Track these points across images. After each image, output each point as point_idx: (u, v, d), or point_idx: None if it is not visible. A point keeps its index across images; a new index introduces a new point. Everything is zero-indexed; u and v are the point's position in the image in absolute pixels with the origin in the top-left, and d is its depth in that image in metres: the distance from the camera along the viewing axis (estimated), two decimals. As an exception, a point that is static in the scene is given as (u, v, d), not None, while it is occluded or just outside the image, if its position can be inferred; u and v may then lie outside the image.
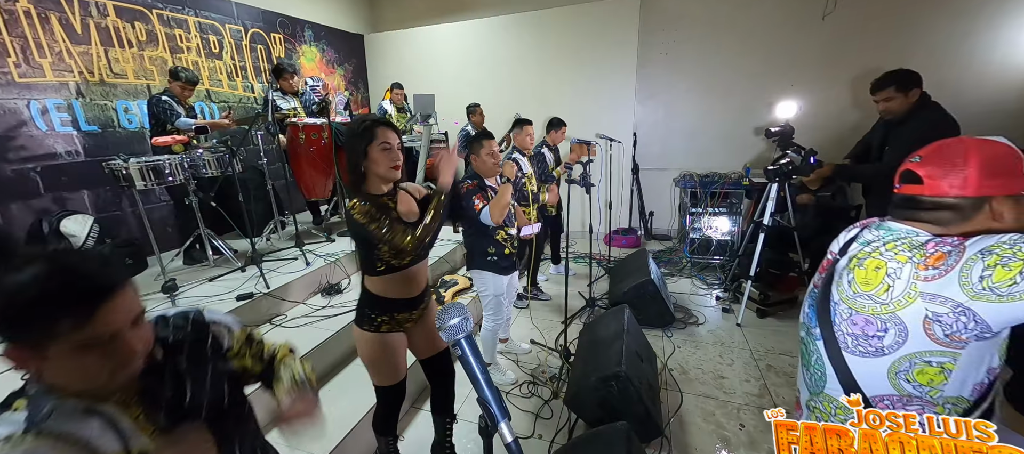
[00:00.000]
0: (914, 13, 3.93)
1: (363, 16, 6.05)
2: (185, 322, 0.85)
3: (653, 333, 2.98)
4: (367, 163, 1.36)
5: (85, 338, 0.61)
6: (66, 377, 0.64)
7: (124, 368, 0.67)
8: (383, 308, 1.48)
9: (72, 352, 0.61)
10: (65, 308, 0.59)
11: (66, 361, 0.61)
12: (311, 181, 3.88)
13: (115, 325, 0.63)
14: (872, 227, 0.90)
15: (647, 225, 5.37)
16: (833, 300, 0.88)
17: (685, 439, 2.09)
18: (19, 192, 2.85)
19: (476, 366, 0.73)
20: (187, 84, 3.11)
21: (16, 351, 0.61)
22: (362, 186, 1.40)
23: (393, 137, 1.39)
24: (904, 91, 2.31)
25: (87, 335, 0.61)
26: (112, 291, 0.63)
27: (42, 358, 0.61)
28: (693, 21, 4.66)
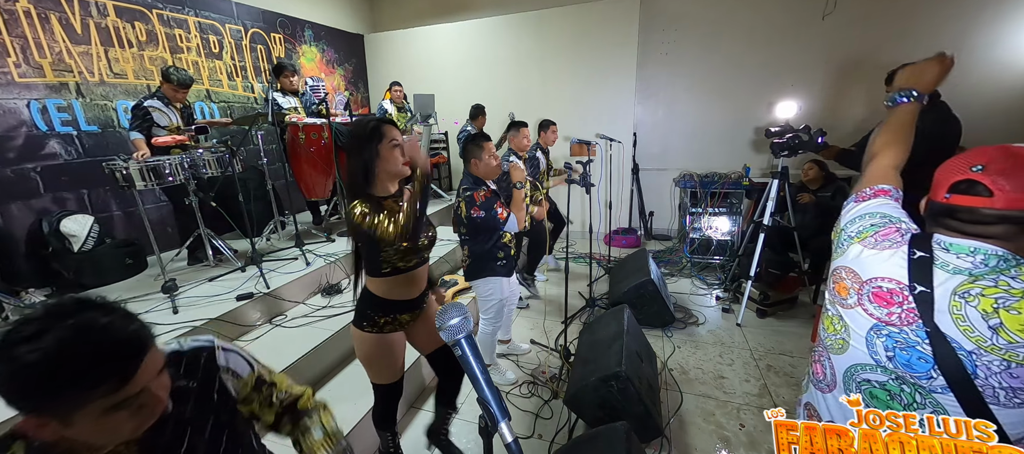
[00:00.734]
0: (914, 13, 3.93)
1: (363, 16, 6.05)
2: (197, 364, 0.80)
3: (653, 333, 2.98)
4: (379, 162, 1.36)
5: (117, 400, 0.59)
6: (89, 436, 0.61)
7: (149, 419, 0.65)
8: (386, 309, 1.48)
9: (100, 415, 0.59)
10: (102, 377, 0.57)
11: (92, 425, 0.59)
12: (311, 181, 3.88)
13: (145, 383, 0.62)
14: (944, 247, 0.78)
15: (647, 225, 5.37)
16: (963, 349, 0.72)
17: (685, 439, 2.09)
18: (19, 192, 2.85)
19: (476, 366, 0.73)
20: (179, 87, 3.02)
21: (36, 420, 0.58)
22: (368, 188, 1.38)
23: (399, 134, 1.40)
24: None
25: (119, 397, 0.59)
26: (145, 351, 0.62)
27: (66, 425, 0.58)
28: (693, 21, 4.66)
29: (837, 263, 0.91)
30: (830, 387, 0.91)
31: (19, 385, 0.55)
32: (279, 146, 3.83)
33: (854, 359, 0.85)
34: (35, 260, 2.76)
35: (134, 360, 0.60)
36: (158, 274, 2.79)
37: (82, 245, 2.84)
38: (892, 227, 0.86)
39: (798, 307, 3.32)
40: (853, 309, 0.85)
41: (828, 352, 0.91)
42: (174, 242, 3.49)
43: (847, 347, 0.86)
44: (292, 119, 3.64)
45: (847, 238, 0.91)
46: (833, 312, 0.90)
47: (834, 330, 0.89)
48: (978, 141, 3.05)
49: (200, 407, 0.79)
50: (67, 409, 0.57)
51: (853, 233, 0.90)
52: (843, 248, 0.91)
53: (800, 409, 1.06)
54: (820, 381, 0.94)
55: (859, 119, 4.19)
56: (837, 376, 0.89)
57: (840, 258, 0.90)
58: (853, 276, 0.86)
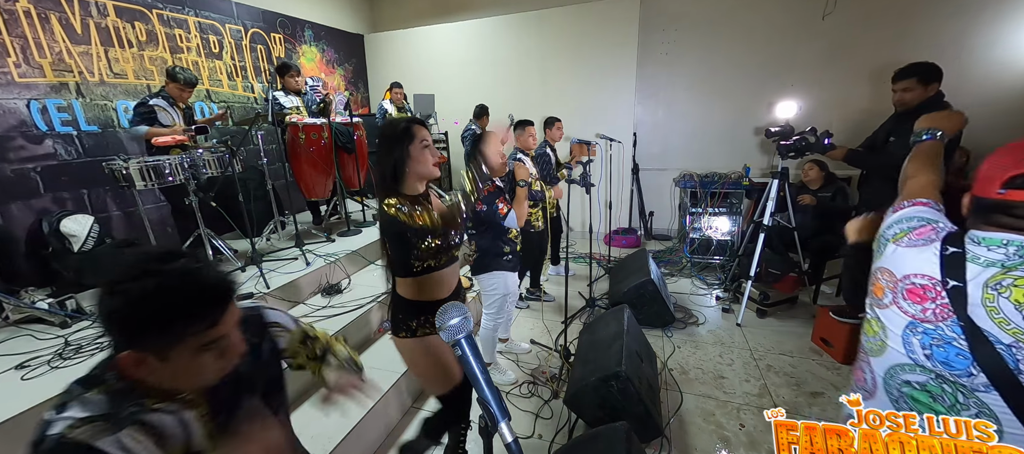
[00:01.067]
0: (914, 12, 3.93)
1: (363, 16, 6.05)
2: (247, 324, 0.85)
3: (653, 333, 2.98)
4: (409, 163, 1.35)
5: (206, 340, 0.67)
6: (179, 375, 0.68)
7: (228, 366, 0.73)
8: (417, 311, 1.45)
9: (192, 354, 0.66)
10: (203, 309, 0.65)
11: (184, 363, 0.66)
12: (311, 181, 3.88)
13: (229, 327, 0.70)
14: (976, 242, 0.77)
15: (647, 225, 5.37)
16: (1001, 343, 0.71)
17: (685, 439, 2.09)
18: (19, 192, 2.85)
19: (476, 366, 0.73)
20: (185, 86, 3.06)
21: (136, 356, 0.64)
22: (397, 188, 1.38)
23: (428, 134, 1.39)
24: (924, 84, 2.33)
25: (210, 336, 0.67)
26: (232, 296, 0.70)
27: (162, 362, 0.65)
28: (693, 21, 4.66)
29: (876, 264, 0.91)
30: (871, 393, 0.89)
31: (135, 317, 0.62)
32: (279, 146, 3.83)
33: (892, 360, 0.84)
34: (35, 260, 2.76)
35: (225, 302, 0.69)
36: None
37: (82, 245, 2.83)
38: (928, 227, 0.85)
39: (798, 307, 3.32)
40: (888, 308, 0.84)
41: (868, 356, 0.90)
42: (174, 242, 3.49)
43: (885, 348, 0.85)
44: (292, 119, 3.64)
45: (884, 241, 0.90)
46: (871, 315, 0.89)
47: (873, 332, 0.88)
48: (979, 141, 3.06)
49: (254, 362, 0.86)
50: (169, 343, 0.64)
51: (890, 236, 0.90)
52: (881, 251, 0.91)
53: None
54: (862, 387, 0.93)
55: (860, 119, 4.18)
56: (877, 380, 0.87)
57: (878, 261, 0.90)
58: (888, 275, 0.85)
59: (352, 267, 3.34)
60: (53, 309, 2.29)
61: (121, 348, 0.64)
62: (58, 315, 2.28)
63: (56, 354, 2.00)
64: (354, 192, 4.34)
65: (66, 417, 0.62)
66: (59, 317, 2.27)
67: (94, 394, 0.66)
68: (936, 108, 2.34)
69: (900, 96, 2.42)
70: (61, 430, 0.61)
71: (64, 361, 1.95)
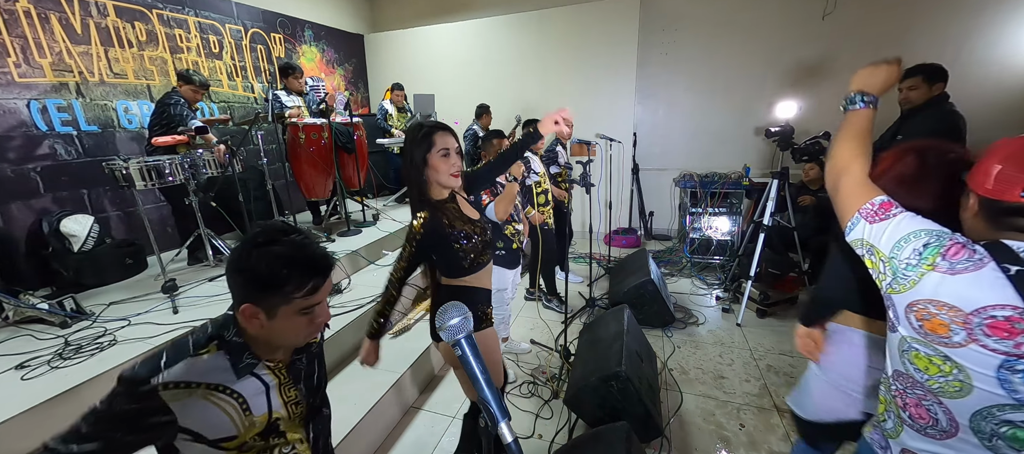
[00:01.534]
0: (914, 12, 3.93)
1: (363, 16, 6.05)
2: None
3: (653, 333, 2.98)
4: (428, 172, 1.35)
5: (306, 304, 0.79)
6: (279, 333, 0.81)
7: (316, 333, 0.88)
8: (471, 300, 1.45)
9: (293, 314, 0.79)
10: (310, 276, 0.78)
11: (285, 321, 0.79)
12: (311, 181, 3.88)
13: (323, 297, 0.82)
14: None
15: (647, 225, 5.37)
16: None
17: (685, 439, 2.09)
18: (19, 192, 2.85)
19: (476, 366, 0.73)
20: (200, 88, 3.09)
21: (254, 308, 0.76)
22: (427, 194, 1.39)
23: (451, 141, 1.36)
24: (929, 82, 2.36)
25: (310, 301, 0.79)
26: (332, 268, 0.83)
27: (271, 316, 0.77)
28: (693, 21, 4.66)
29: (912, 297, 0.77)
30: (951, 432, 0.80)
31: (267, 272, 0.75)
32: (279, 146, 3.83)
33: (984, 401, 0.74)
34: (35, 260, 2.76)
35: (328, 272, 0.82)
36: (158, 274, 2.79)
37: (82, 245, 2.83)
38: (951, 242, 0.75)
39: (798, 307, 3.32)
40: (965, 348, 0.73)
41: (936, 396, 0.79)
42: (174, 242, 3.49)
43: (970, 389, 0.74)
44: (292, 119, 3.64)
45: (908, 267, 0.77)
46: (928, 352, 0.77)
47: (940, 371, 0.77)
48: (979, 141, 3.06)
49: (319, 344, 1.03)
50: (280, 301, 0.77)
51: (913, 261, 0.77)
52: (908, 279, 0.77)
53: None
54: (928, 427, 0.83)
55: (859, 119, 4.19)
56: (959, 422, 0.78)
57: (912, 291, 0.77)
58: (951, 311, 0.73)
59: (352, 267, 3.34)
60: (53, 309, 2.29)
61: (243, 301, 0.76)
62: (58, 315, 2.28)
63: (56, 354, 2.00)
64: (354, 192, 4.34)
65: (174, 373, 0.74)
66: (59, 317, 2.27)
67: (209, 354, 0.78)
68: (940, 107, 2.35)
69: (906, 95, 2.45)
70: (163, 380, 0.73)
71: (64, 361, 1.95)
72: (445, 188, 1.41)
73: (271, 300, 0.76)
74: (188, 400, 0.73)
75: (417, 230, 1.34)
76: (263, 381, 0.84)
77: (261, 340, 0.83)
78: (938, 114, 2.35)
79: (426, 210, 1.35)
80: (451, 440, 2.11)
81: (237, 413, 0.79)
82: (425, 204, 1.37)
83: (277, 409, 0.86)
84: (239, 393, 0.80)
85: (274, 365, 0.86)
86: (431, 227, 1.34)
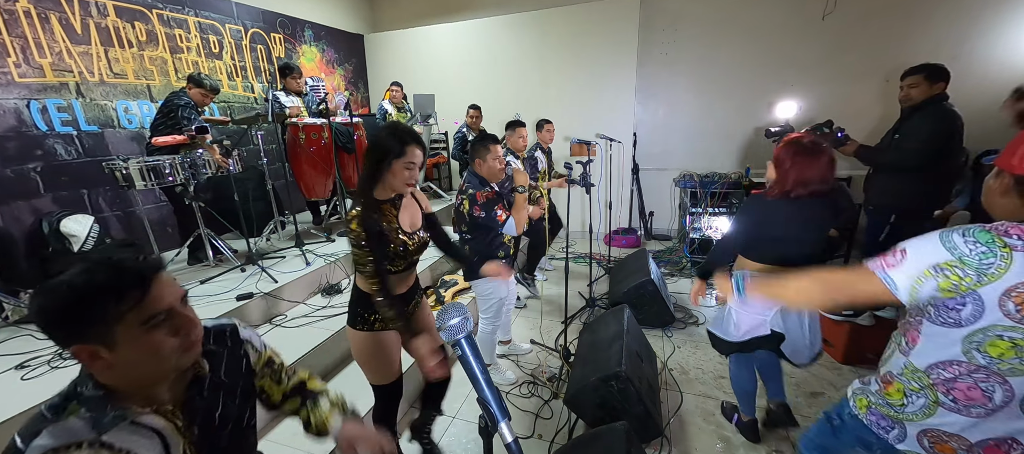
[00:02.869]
0: (914, 12, 3.93)
1: (363, 16, 6.05)
2: (224, 336, 0.89)
3: (653, 333, 2.98)
4: (387, 174, 1.39)
5: (146, 314, 0.66)
6: (139, 361, 0.68)
7: (190, 346, 0.73)
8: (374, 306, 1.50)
9: (140, 332, 0.66)
10: (121, 289, 0.65)
11: (136, 343, 0.66)
12: (311, 181, 3.88)
13: (167, 300, 0.70)
14: None
15: (647, 225, 5.37)
16: None
17: (685, 439, 2.09)
18: (19, 192, 2.84)
19: (476, 366, 0.73)
20: (210, 91, 3.10)
21: (86, 347, 0.65)
22: (372, 187, 1.42)
23: (420, 157, 1.42)
24: (930, 81, 2.39)
25: (147, 311, 0.67)
26: (155, 269, 0.70)
27: (112, 347, 0.65)
28: (693, 21, 4.66)
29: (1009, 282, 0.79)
30: (1001, 406, 0.88)
31: (58, 307, 0.63)
32: (279, 146, 3.83)
33: None
34: (35, 260, 2.76)
35: (148, 273, 0.68)
36: (158, 274, 2.79)
37: (82, 245, 2.83)
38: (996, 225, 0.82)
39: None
40: None
41: (1001, 376, 0.85)
42: (174, 242, 3.49)
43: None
44: (292, 119, 3.64)
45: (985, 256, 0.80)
46: (1012, 336, 0.82)
47: (1016, 353, 0.83)
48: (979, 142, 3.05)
49: (230, 373, 0.87)
50: (105, 327, 0.64)
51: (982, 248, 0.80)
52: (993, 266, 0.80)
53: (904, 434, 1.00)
54: (976, 405, 0.89)
55: (860, 119, 4.18)
56: (1015, 396, 0.86)
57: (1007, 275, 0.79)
58: None
59: (352, 267, 3.33)
60: (53, 309, 2.28)
61: (65, 345, 0.66)
62: (58, 315, 2.27)
63: (56, 354, 2.00)
64: (354, 192, 4.34)
65: (38, 446, 0.61)
66: (59, 317, 2.27)
67: (70, 416, 0.66)
68: (939, 106, 2.36)
69: (906, 92, 2.47)
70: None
71: (64, 361, 1.96)
72: (394, 192, 1.46)
73: (96, 328, 0.64)
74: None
75: (358, 231, 1.36)
76: (153, 429, 0.71)
77: (127, 383, 0.70)
78: (936, 113, 2.37)
79: (361, 207, 1.39)
80: (451, 440, 2.12)
81: None
82: (362, 198, 1.41)
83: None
84: (125, 449, 0.66)
85: (161, 409, 0.73)
86: (367, 226, 1.37)
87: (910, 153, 2.43)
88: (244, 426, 0.91)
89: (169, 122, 2.97)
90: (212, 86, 3.11)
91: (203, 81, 3.07)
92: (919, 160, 2.40)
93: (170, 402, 0.75)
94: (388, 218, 1.45)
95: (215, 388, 0.83)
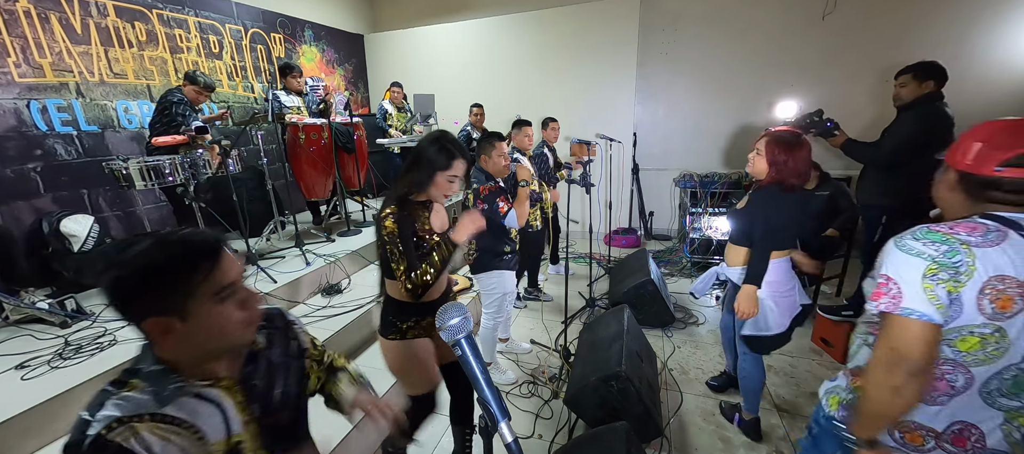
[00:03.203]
0: (914, 13, 3.93)
1: (363, 16, 6.05)
2: (272, 318, 0.91)
3: (653, 333, 2.98)
4: (428, 181, 1.40)
5: (217, 287, 0.68)
6: (208, 335, 0.70)
7: (253, 319, 0.76)
8: (408, 313, 1.48)
9: (211, 304, 0.68)
10: (196, 261, 0.67)
11: (207, 316, 0.68)
12: (311, 181, 3.88)
13: (233, 273, 0.72)
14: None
15: (647, 225, 5.37)
16: None
17: (685, 439, 2.09)
18: (19, 192, 2.84)
19: (476, 366, 0.73)
20: (204, 89, 3.10)
21: (160, 320, 0.66)
22: (410, 192, 1.42)
23: (462, 170, 1.43)
24: (919, 80, 2.39)
25: (218, 282, 0.68)
26: (223, 245, 0.72)
27: (184, 319, 0.67)
28: (693, 21, 4.66)
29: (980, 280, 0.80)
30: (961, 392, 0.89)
31: (136, 280, 0.64)
32: (279, 146, 3.83)
33: (1010, 361, 0.84)
34: (35, 260, 2.76)
35: (218, 246, 0.71)
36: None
37: (82, 245, 2.83)
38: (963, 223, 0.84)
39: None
40: (1018, 316, 0.80)
41: (966, 367, 0.86)
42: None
43: (1004, 354, 0.83)
44: (292, 119, 3.64)
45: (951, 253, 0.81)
46: (983, 332, 0.83)
47: (982, 346, 0.83)
48: (978, 141, 2.90)
49: (284, 354, 0.89)
50: (180, 297, 0.66)
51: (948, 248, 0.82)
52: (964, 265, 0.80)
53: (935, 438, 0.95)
54: (940, 396, 0.90)
55: (860, 119, 4.18)
56: (974, 384, 0.87)
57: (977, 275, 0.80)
58: (1013, 284, 0.79)
59: (352, 267, 3.34)
60: (53, 309, 2.29)
61: (143, 320, 0.67)
62: (58, 315, 2.28)
63: (56, 354, 2.00)
64: (354, 192, 4.34)
65: (104, 416, 0.63)
66: (59, 317, 2.28)
67: (131, 391, 0.67)
68: (929, 105, 2.36)
69: (897, 91, 2.49)
70: (98, 431, 0.62)
71: (64, 361, 1.96)
72: (428, 197, 1.47)
73: (172, 299, 0.66)
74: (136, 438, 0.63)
75: (393, 230, 1.35)
76: (214, 402, 0.73)
77: (187, 356, 0.72)
78: (921, 113, 2.35)
79: (395, 205, 1.38)
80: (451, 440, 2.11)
81: (191, 444, 0.69)
82: (399, 199, 1.41)
83: (237, 431, 0.76)
84: (189, 422, 0.69)
85: (222, 383, 0.76)
86: (402, 223, 1.37)
87: (885, 152, 2.45)
88: (300, 409, 0.92)
89: (165, 120, 2.97)
90: (206, 83, 3.11)
91: (198, 78, 3.07)
92: (893, 159, 2.40)
93: (228, 378, 0.77)
94: (420, 220, 1.44)
95: (270, 368, 0.85)
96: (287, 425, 0.88)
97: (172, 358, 0.71)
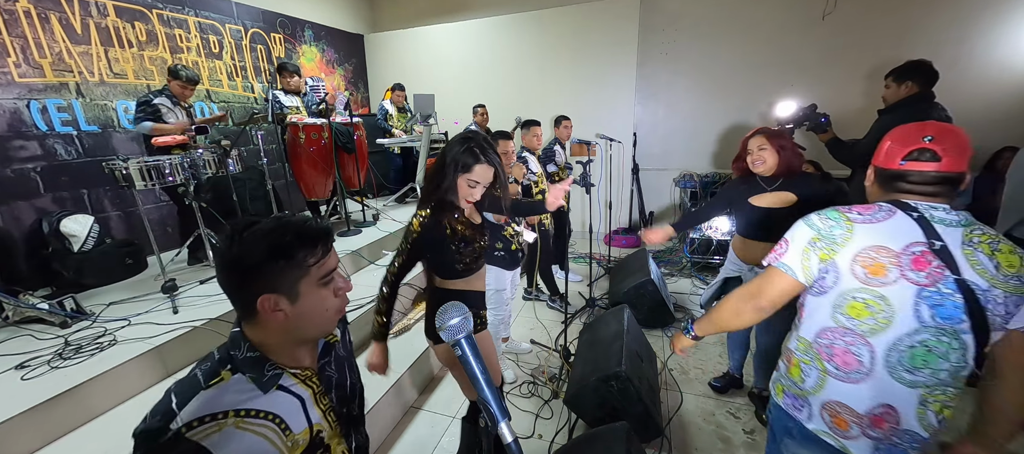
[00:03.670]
0: (913, 13, 3.93)
1: (363, 16, 6.05)
2: None
3: (653, 333, 2.98)
4: (451, 186, 1.39)
5: (325, 270, 0.74)
6: (310, 317, 0.74)
7: (344, 307, 0.81)
8: None
9: (317, 287, 0.73)
10: (315, 242, 0.72)
11: (312, 298, 0.73)
12: (311, 181, 3.88)
13: (335, 261, 0.77)
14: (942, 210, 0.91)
15: (647, 225, 5.36)
16: (980, 288, 0.85)
17: (685, 439, 2.09)
18: (19, 192, 2.84)
19: (476, 366, 0.73)
20: (187, 83, 3.07)
21: (273, 297, 0.70)
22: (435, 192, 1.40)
23: (487, 177, 1.39)
24: (897, 83, 2.41)
25: (326, 267, 0.74)
26: (332, 233, 0.78)
27: (294, 299, 0.71)
28: (693, 20, 4.66)
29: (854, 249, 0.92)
30: (868, 373, 0.94)
31: (259, 256, 0.68)
32: (279, 146, 3.83)
33: (901, 330, 0.90)
34: (35, 260, 2.76)
35: (331, 233, 0.77)
36: (158, 274, 2.79)
37: (82, 245, 2.83)
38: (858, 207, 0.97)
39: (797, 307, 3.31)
40: (895, 284, 0.89)
41: (863, 337, 0.94)
42: (174, 242, 3.49)
43: (892, 323, 0.90)
44: (292, 119, 3.64)
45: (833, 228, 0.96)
46: (866, 296, 0.92)
47: (870, 313, 0.92)
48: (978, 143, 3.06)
49: (347, 349, 0.97)
50: (296, 276, 0.70)
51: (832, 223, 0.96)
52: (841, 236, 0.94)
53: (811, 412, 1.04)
54: (854, 372, 0.96)
55: (860, 118, 4.18)
56: (877, 357, 0.93)
57: (851, 243, 0.93)
58: (887, 253, 0.89)
59: (352, 267, 3.34)
60: (53, 309, 2.29)
61: (258, 295, 0.69)
62: (58, 315, 2.28)
63: (56, 354, 2.00)
64: (354, 192, 4.34)
65: (190, 412, 0.65)
66: (59, 317, 2.28)
67: (221, 383, 0.69)
68: (911, 108, 2.34)
69: (883, 92, 2.51)
70: (184, 422, 0.64)
71: (64, 361, 1.96)
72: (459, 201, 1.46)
73: (289, 276, 0.69)
74: (220, 435, 0.64)
75: (415, 229, 1.37)
76: (296, 394, 0.76)
77: (283, 340, 0.75)
78: (898, 116, 2.31)
79: (430, 208, 1.38)
80: (451, 440, 2.11)
81: (276, 435, 0.71)
82: (434, 201, 1.40)
83: (317, 421, 0.79)
84: (273, 414, 0.71)
85: (302, 375, 0.79)
86: (430, 227, 1.37)
87: (858, 153, 2.50)
88: (362, 402, 0.97)
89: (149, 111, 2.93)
90: (189, 77, 3.05)
91: (180, 72, 3.01)
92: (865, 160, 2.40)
93: (310, 367, 0.81)
94: (453, 218, 1.43)
95: (339, 361, 0.90)
96: (357, 416, 0.94)
97: (266, 342, 0.74)
